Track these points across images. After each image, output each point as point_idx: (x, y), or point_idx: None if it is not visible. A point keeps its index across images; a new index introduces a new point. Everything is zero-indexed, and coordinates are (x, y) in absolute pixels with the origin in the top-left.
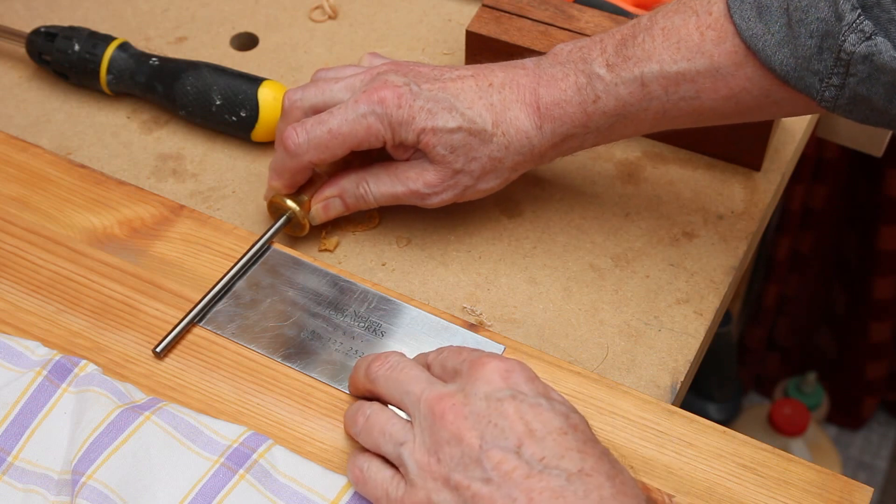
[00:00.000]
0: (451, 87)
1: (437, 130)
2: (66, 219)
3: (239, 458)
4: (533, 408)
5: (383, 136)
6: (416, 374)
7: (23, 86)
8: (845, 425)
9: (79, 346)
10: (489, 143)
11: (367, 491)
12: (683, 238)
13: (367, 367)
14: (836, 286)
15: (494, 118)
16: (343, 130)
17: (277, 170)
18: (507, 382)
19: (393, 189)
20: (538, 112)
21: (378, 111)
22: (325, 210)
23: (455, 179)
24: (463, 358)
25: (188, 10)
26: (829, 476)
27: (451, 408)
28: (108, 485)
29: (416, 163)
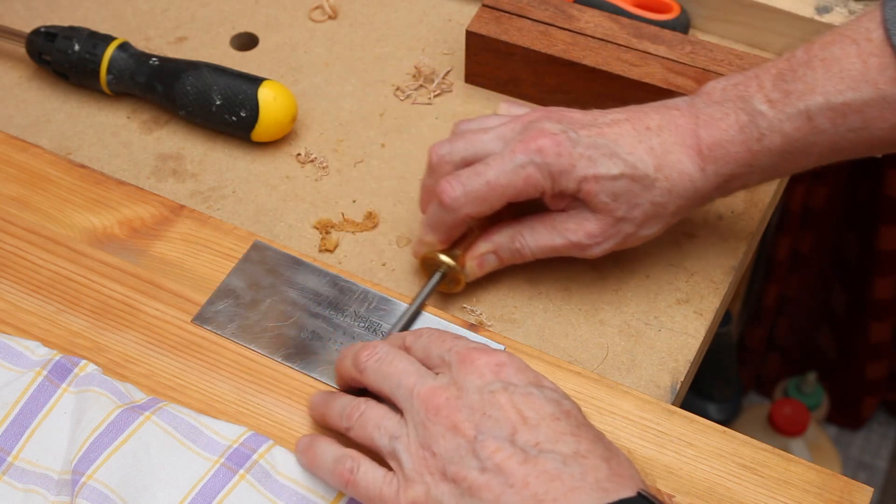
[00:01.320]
0: (609, 132)
1: (600, 178)
2: (66, 219)
3: (239, 459)
4: (525, 397)
5: (542, 187)
6: (406, 366)
7: (23, 86)
8: (845, 425)
9: (79, 346)
10: (652, 188)
11: (358, 492)
12: (683, 238)
13: (354, 356)
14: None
15: (656, 162)
16: (501, 182)
17: (433, 225)
18: (498, 375)
19: (551, 241)
20: (700, 154)
21: (537, 160)
22: (480, 266)
23: (617, 228)
24: (448, 347)
25: (188, 10)
26: (829, 476)
27: (445, 402)
28: (108, 485)
29: (574, 213)
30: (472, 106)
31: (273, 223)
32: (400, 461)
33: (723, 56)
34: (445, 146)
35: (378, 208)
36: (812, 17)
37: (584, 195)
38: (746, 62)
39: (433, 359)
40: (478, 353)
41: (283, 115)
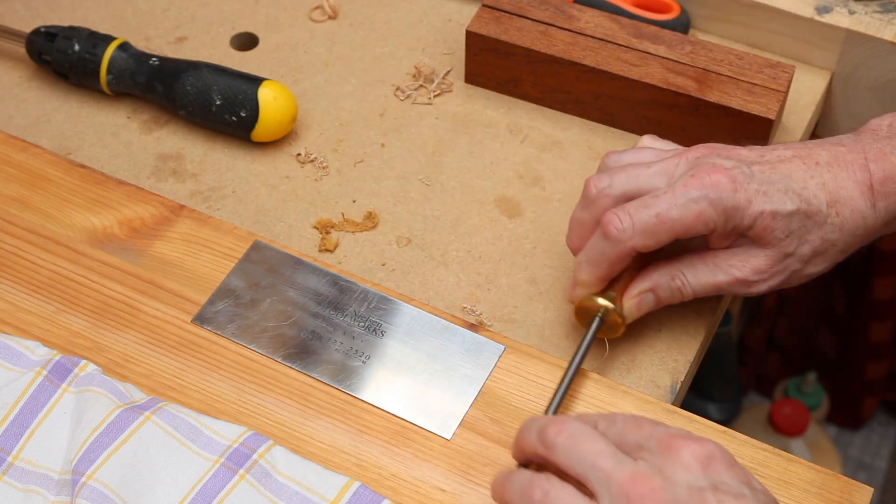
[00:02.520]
0: (781, 168)
1: (776, 214)
2: (66, 219)
3: (239, 459)
4: (737, 498)
5: (714, 223)
6: (602, 447)
7: (23, 86)
8: (845, 425)
9: (79, 346)
10: (823, 224)
11: None
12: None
13: (540, 431)
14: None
15: (829, 198)
16: (672, 215)
17: (593, 260)
18: (707, 470)
19: (714, 279)
20: (871, 190)
21: (711, 196)
22: (639, 307)
23: (784, 264)
24: (648, 434)
25: (188, 10)
26: (829, 476)
27: (649, 492)
28: (108, 485)
29: (739, 250)
30: (472, 106)
31: (273, 223)
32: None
33: (723, 56)
34: (605, 179)
35: (378, 208)
36: (812, 17)
37: (758, 231)
38: (746, 62)
39: (629, 445)
40: (684, 442)
41: (283, 115)
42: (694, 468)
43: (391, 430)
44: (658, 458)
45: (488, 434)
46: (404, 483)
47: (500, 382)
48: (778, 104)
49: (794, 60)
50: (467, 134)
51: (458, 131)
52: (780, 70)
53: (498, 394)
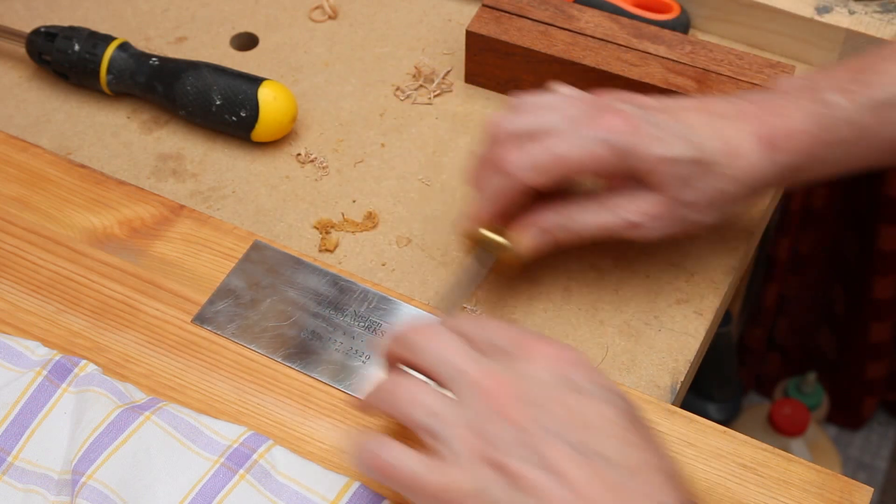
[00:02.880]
0: (681, 115)
1: (669, 160)
2: (66, 219)
3: (239, 459)
4: (588, 398)
5: (608, 164)
6: (459, 345)
7: (23, 86)
8: (845, 425)
9: (79, 346)
10: (718, 174)
11: (390, 477)
12: (683, 238)
13: (402, 334)
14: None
15: (725, 149)
16: (568, 154)
17: (490, 196)
18: (561, 369)
19: (605, 220)
20: (769, 143)
21: (607, 137)
22: (534, 243)
23: (675, 211)
24: (510, 336)
25: (188, 10)
26: (829, 476)
27: (502, 388)
28: (108, 485)
29: (630, 192)
30: (472, 106)
31: (273, 223)
32: (443, 442)
33: (723, 56)
34: (507, 118)
35: (378, 208)
36: (812, 17)
37: (652, 176)
38: (746, 62)
39: (487, 345)
40: (541, 344)
41: (283, 115)
42: (549, 366)
43: (391, 431)
44: (517, 358)
45: None
46: None
47: None
48: None
49: (794, 60)
50: (467, 134)
51: (458, 131)
52: (780, 70)
53: None
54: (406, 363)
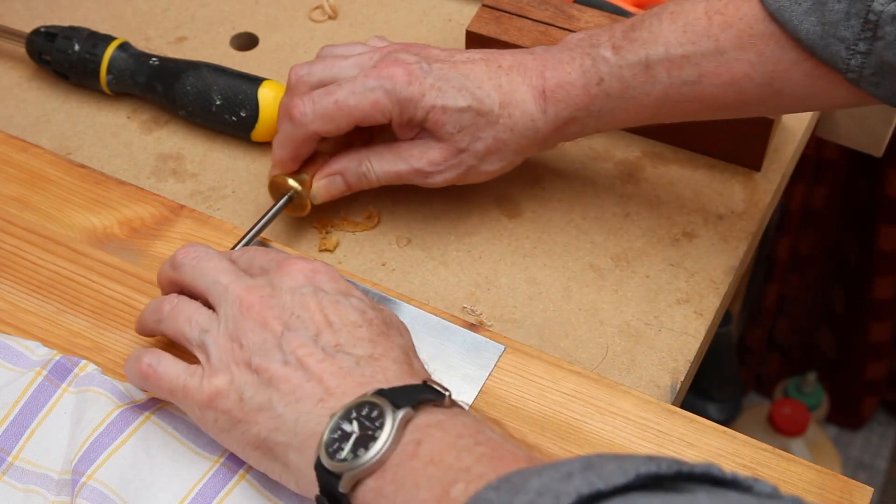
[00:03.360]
0: (462, 68)
1: (447, 109)
2: (66, 219)
3: (239, 459)
4: (332, 303)
5: (390, 112)
6: (224, 265)
7: (23, 86)
8: (845, 425)
9: (79, 346)
10: (495, 124)
11: (159, 385)
12: (683, 238)
13: (171, 256)
14: (836, 286)
15: (502, 99)
16: (350, 103)
17: (281, 142)
18: (311, 280)
19: (396, 167)
20: (543, 95)
21: (387, 86)
22: (327, 188)
23: (459, 159)
24: (270, 258)
25: (188, 10)
26: (829, 476)
27: (258, 299)
28: (108, 485)
29: (420, 142)
30: None
31: (273, 223)
32: (208, 352)
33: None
34: (305, 68)
35: (378, 208)
36: None
37: (431, 125)
38: None
39: (255, 268)
40: (294, 260)
41: None
42: (300, 278)
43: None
44: (272, 274)
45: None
46: None
47: (500, 382)
48: None
49: None
50: None
51: None
52: None
53: (498, 394)
54: (177, 283)
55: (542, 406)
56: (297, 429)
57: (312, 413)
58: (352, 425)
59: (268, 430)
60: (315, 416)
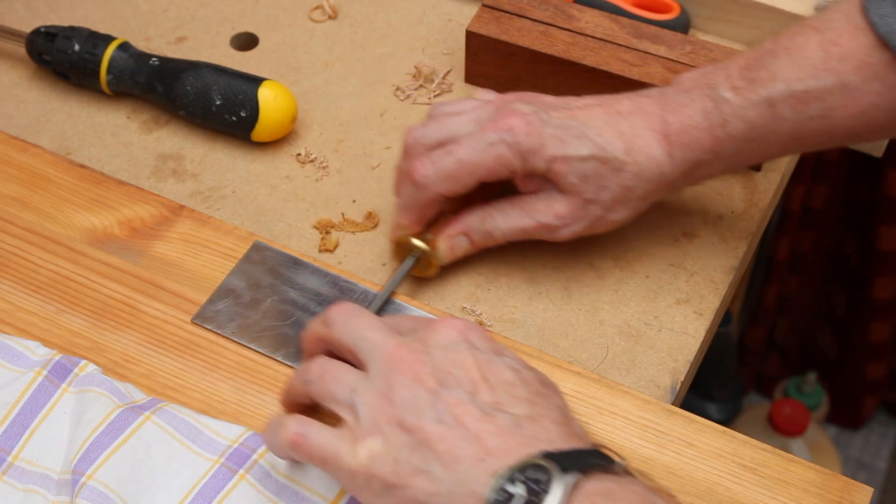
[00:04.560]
0: (580, 114)
1: (568, 158)
2: (66, 219)
3: (239, 459)
4: (487, 361)
5: (513, 166)
6: (375, 322)
7: (23, 86)
8: (845, 425)
9: (79, 346)
10: (620, 171)
11: (310, 454)
12: (683, 238)
13: (323, 314)
14: (836, 286)
15: (625, 146)
16: (473, 160)
17: (406, 206)
18: (464, 337)
19: (521, 223)
20: (668, 139)
21: (507, 139)
22: (452, 249)
23: (585, 210)
24: (420, 320)
25: (188, 10)
26: (829, 476)
27: (408, 354)
28: (108, 485)
29: (543, 195)
30: None
31: (273, 223)
32: (356, 412)
33: (722, 56)
34: (419, 129)
35: (378, 208)
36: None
37: (554, 176)
38: None
39: (405, 329)
40: (444, 319)
41: (283, 115)
42: (452, 335)
43: None
44: (422, 332)
45: None
46: None
47: None
48: None
49: None
50: None
51: None
52: None
53: None
54: (326, 340)
55: None
56: (456, 490)
57: (472, 473)
58: (517, 487)
59: (425, 493)
60: (475, 477)
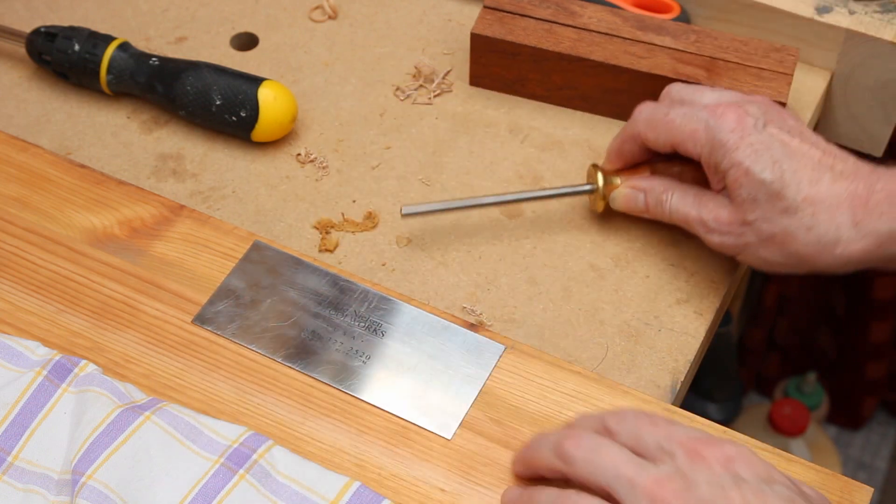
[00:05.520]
0: (795, 145)
1: (749, 172)
2: (66, 219)
3: (239, 459)
4: (757, 494)
5: (701, 148)
6: (623, 456)
7: (23, 86)
8: (845, 425)
9: (79, 346)
10: (791, 215)
11: None
12: (683, 238)
13: (556, 446)
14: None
15: (810, 194)
16: (674, 121)
17: (618, 134)
18: (728, 469)
19: (687, 209)
20: (864, 205)
21: (711, 123)
22: (626, 199)
23: (741, 230)
24: (665, 434)
25: (188, 10)
26: (829, 476)
27: (672, 494)
28: (108, 485)
29: (721, 197)
30: (472, 106)
31: (273, 223)
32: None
33: (727, 43)
34: (682, 86)
35: (378, 208)
36: (812, 17)
37: (731, 181)
38: (751, 48)
39: (648, 447)
40: (705, 445)
41: (283, 115)
42: (716, 468)
43: (391, 430)
44: (681, 461)
45: (488, 434)
46: (404, 483)
47: (500, 382)
48: (788, 87)
49: None
50: (467, 134)
51: (458, 131)
52: (785, 54)
53: (498, 394)
54: (566, 475)
55: (543, 406)
56: None
57: None
58: None
59: None
60: None
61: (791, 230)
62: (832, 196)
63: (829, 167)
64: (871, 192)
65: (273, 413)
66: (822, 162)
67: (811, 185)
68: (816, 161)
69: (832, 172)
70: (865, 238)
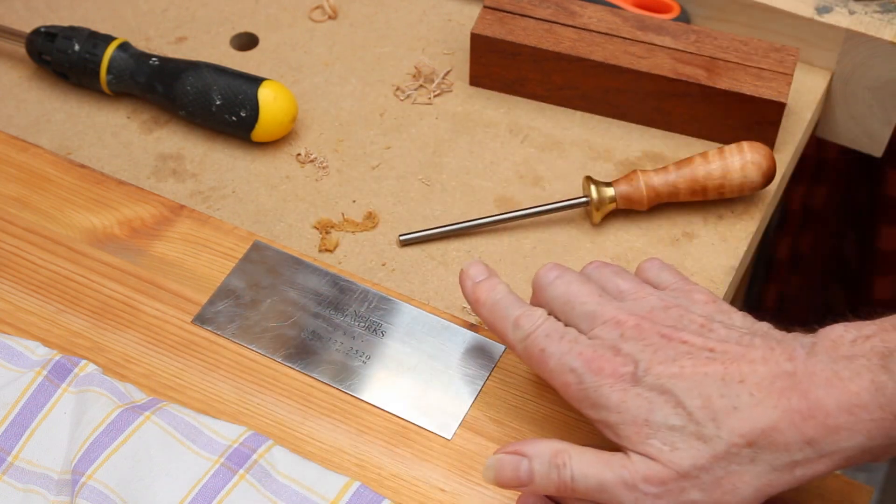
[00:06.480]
0: (689, 373)
1: (650, 423)
2: (66, 219)
3: (239, 459)
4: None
5: (579, 405)
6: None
7: (23, 86)
8: None
9: (79, 346)
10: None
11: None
12: (683, 238)
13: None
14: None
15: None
16: (548, 363)
17: None
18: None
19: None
20: (813, 422)
21: (586, 380)
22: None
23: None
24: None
25: (188, 10)
26: (829, 476)
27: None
28: (108, 485)
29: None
30: (472, 106)
31: (273, 223)
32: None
33: (727, 43)
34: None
35: (378, 208)
36: (812, 17)
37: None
38: (751, 48)
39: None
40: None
41: (283, 115)
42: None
43: (391, 431)
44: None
45: (488, 434)
46: (404, 483)
47: (500, 382)
48: (788, 87)
49: None
50: (467, 134)
51: (458, 131)
52: (785, 54)
53: (498, 394)
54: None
55: (542, 406)
56: None
57: None
58: None
59: None
60: None
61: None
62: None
63: (739, 382)
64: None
65: (273, 413)
66: (725, 378)
67: (728, 416)
68: (720, 380)
69: (744, 387)
70: (820, 457)
